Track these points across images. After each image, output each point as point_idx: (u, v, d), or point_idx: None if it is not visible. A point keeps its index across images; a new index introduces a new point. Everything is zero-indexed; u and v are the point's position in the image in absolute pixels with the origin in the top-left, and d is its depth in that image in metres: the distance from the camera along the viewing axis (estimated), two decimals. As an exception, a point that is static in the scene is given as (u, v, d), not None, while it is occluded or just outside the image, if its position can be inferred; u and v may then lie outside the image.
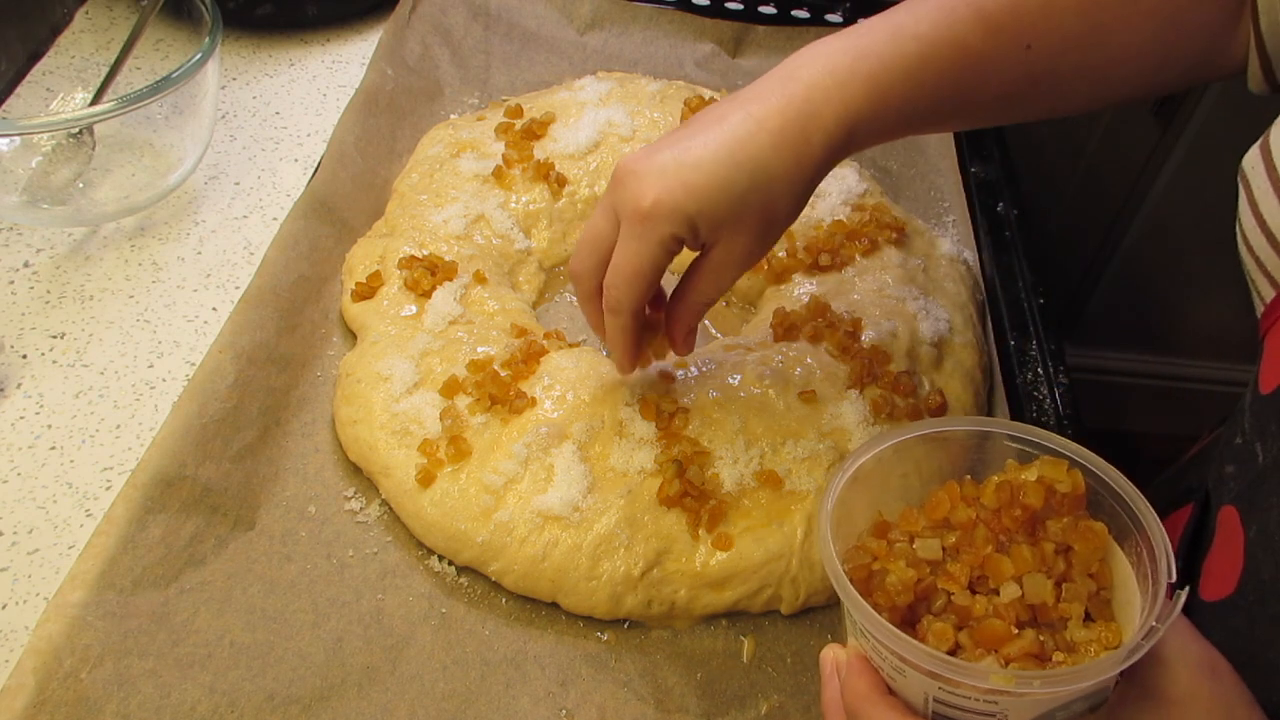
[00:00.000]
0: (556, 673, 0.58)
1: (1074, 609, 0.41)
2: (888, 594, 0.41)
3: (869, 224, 0.78)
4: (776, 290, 0.77)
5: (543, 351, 0.68)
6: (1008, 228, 0.86)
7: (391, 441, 0.63)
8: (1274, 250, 0.50)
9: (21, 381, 0.68)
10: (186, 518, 0.59)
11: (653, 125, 0.85)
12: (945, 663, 0.38)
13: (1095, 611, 0.42)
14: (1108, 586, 0.42)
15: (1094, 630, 0.41)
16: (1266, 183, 0.50)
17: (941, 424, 0.47)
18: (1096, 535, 0.42)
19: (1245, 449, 0.52)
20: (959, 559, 0.42)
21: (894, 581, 0.41)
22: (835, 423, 0.65)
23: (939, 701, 0.40)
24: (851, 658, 0.43)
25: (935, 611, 0.42)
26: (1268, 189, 0.50)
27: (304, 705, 0.54)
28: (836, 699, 0.44)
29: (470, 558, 0.61)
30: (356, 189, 0.80)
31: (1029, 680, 0.37)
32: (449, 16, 0.98)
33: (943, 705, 0.40)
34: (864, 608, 0.40)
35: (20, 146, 0.80)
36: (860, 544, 0.45)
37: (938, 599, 0.42)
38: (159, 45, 0.86)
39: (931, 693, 0.40)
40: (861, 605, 0.40)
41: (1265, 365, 0.52)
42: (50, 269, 0.75)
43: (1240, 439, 0.53)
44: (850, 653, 0.43)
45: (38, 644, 0.52)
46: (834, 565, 0.42)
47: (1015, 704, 0.39)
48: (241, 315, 0.67)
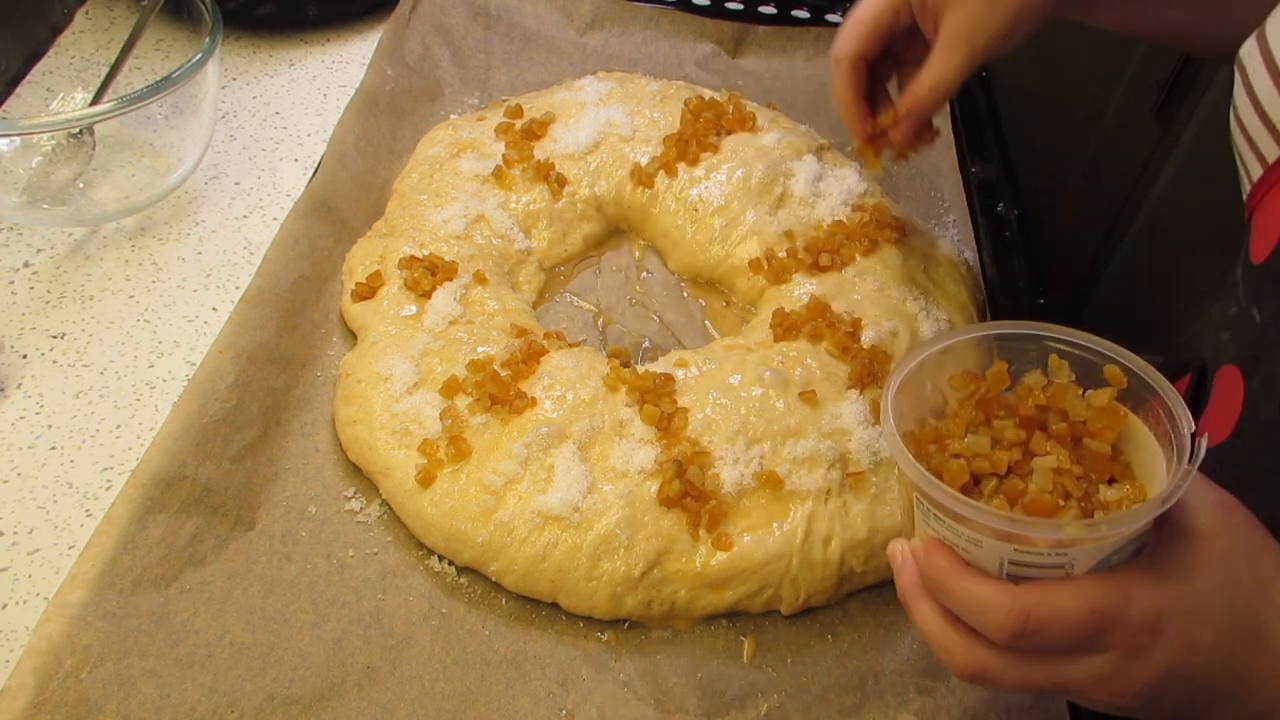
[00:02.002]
0: (556, 673, 0.58)
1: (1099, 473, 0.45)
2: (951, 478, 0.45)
3: (869, 224, 0.78)
4: (776, 290, 0.76)
5: (543, 351, 0.68)
6: (1008, 228, 0.86)
7: (391, 441, 0.63)
8: (1265, 128, 0.54)
9: (21, 381, 0.68)
10: (186, 518, 0.59)
11: (653, 125, 0.85)
12: (1026, 522, 0.42)
13: (1118, 475, 0.46)
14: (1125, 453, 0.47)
15: (1120, 489, 0.45)
16: (1261, 67, 0.54)
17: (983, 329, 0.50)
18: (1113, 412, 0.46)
19: (1241, 315, 0.57)
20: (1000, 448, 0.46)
21: (954, 467, 0.45)
22: (835, 423, 0.65)
23: (1014, 563, 0.43)
24: (926, 542, 0.46)
25: (986, 495, 0.45)
26: (1263, 73, 0.54)
27: (304, 705, 0.54)
28: (914, 583, 0.47)
29: (470, 558, 0.61)
30: (356, 189, 0.80)
31: (1098, 525, 0.42)
32: (449, 16, 0.98)
33: (1017, 565, 0.43)
34: (946, 490, 0.43)
35: (20, 146, 0.80)
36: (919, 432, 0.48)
37: (987, 484, 0.45)
38: (159, 45, 0.86)
39: (1007, 556, 0.43)
40: (942, 488, 0.43)
41: (1255, 239, 0.56)
42: (50, 269, 0.75)
43: (1235, 308, 0.58)
44: (922, 540, 0.46)
45: (38, 644, 0.52)
46: (908, 459, 0.45)
47: (1081, 552, 0.43)
48: (241, 315, 0.67)
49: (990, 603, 0.43)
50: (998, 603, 0.42)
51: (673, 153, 0.83)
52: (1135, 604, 0.42)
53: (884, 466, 0.64)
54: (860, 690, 0.58)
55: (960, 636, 0.45)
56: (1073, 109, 1.29)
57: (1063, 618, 0.42)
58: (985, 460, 0.45)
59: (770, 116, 0.89)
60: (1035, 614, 0.42)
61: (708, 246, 0.80)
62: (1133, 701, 0.44)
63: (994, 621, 0.42)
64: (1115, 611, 0.42)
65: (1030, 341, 0.49)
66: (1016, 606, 0.42)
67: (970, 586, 0.43)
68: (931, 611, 0.46)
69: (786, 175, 0.82)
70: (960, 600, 0.44)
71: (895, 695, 0.58)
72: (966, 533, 0.44)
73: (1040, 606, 0.42)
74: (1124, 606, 0.42)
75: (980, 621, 0.43)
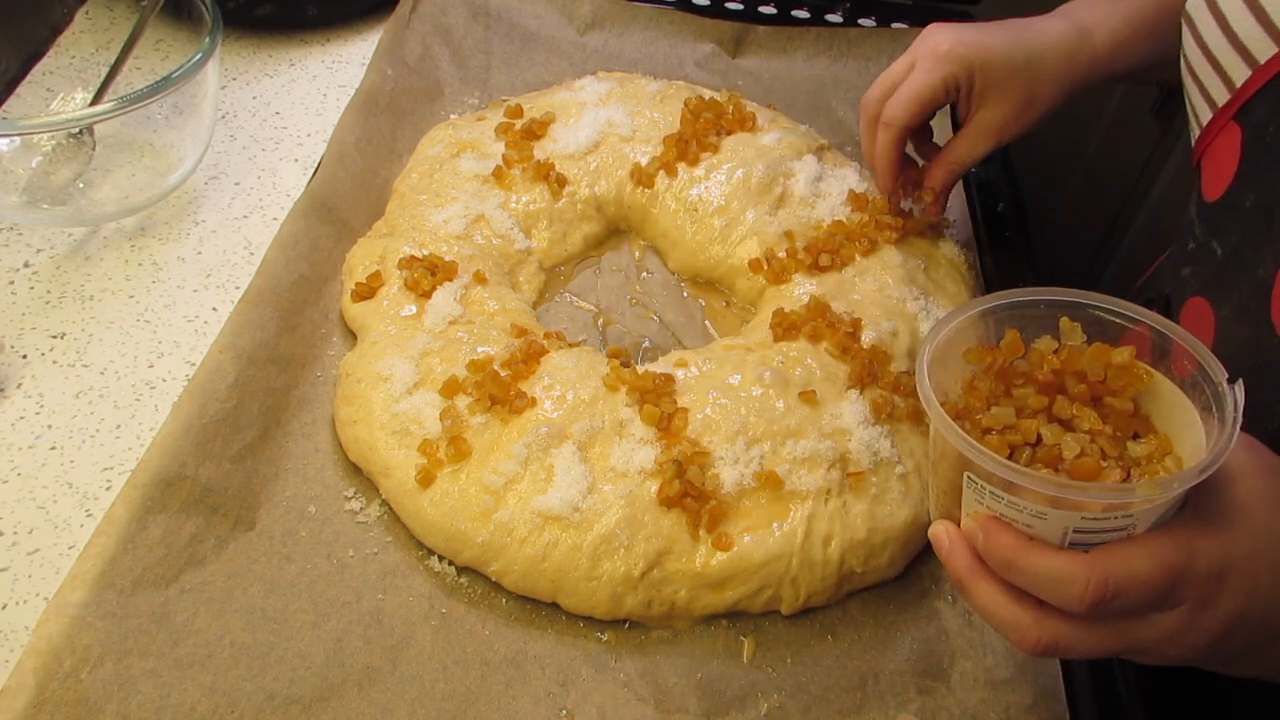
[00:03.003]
0: (556, 673, 0.58)
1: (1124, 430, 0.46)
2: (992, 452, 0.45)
3: (869, 224, 0.78)
4: (776, 290, 0.76)
5: (543, 351, 0.68)
6: (1008, 228, 0.86)
7: (391, 441, 0.63)
8: (1215, 72, 0.59)
9: (21, 381, 0.68)
10: (186, 518, 0.59)
11: (653, 125, 0.85)
12: (1102, 490, 0.43)
13: (1140, 429, 0.46)
14: (1143, 406, 0.47)
15: (1148, 444, 0.45)
16: (1209, 16, 0.59)
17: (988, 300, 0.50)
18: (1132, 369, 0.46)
19: (1200, 250, 0.61)
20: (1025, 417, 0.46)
21: (992, 443, 0.45)
22: (835, 423, 0.65)
23: (1078, 531, 0.43)
24: (983, 522, 0.45)
25: (1025, 464, 0.45)
26: (1210, 21, 0.59)
27: (304, 705, 0.54)
28: (969, 564, 0.46)
29: (470, 558, 0.61)
30: (356, 189, 0.80)
31: (1170, 483, 0.42)
32: (449, 16, 0.98)
33: (1082, 534, 0.43)
34: (1009, 465, 0.43)
35: (20, 146, 0.80)
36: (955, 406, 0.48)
37: (1021, 454, 0.45)
38: (159, 45, 0.86)
39: (1072, 525, 0.43)
40: (1006, 463, 0.43)
41: (1206, 178, 0.61)
42: (50, 269, 0.75)
43: (1193, 244, 0.62)
44: (976, 521, 0.46)
45: (38, 644, 0.52)
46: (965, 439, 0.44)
47: (1144, 513, 0.43)
48: (241, 315, 0.67)
49: (1066, 574, 0.42)
50: (1074, 573, 0.42)
51: (673, 153, 0.83)
52: (1200, 556, 0.42)
53: (884, 466, 0.64)
54: (860, 690, 0.58)
55: (1029, 612, 0.45)
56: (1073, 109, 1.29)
57: (1139, 579, 0.42)
58: (1014, 431, 0.45)
59: (770, 116, 0.89)
60: (1113, 579, 0.42)
61: (708, 246, 0.80)
62: (1202, 653, 0.44)
63: (1074, 593, 0.42)
64: (1184, 566, 0.42)
65: (1034, 307, 0.49)
66: (1095, 574, 0.42)
67: (1042, 560, 0.43)
68: (993, 590, 0.46)
69: (786, 175, 0.82)
70: (1032, 576, 0.44)
71: (895, 695, 0.58)
72: (1029, 506, 0.43)
73: (1116, 571, 0.42)
74: (1191, 560, 0.42)
75: (1057, 594, 0.43)
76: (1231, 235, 0.58)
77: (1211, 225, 0.60)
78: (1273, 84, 0.55)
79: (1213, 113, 0.60)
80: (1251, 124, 0.57)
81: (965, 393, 0.48)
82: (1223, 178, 0.59)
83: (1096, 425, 0.45)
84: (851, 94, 1.00)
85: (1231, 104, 0.59)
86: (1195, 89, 0.62)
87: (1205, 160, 0.62)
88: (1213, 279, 0.60)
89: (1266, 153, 0.56)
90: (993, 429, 0.46)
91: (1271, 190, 0.55)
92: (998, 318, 0.50)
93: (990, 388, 0.47)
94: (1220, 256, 0.59)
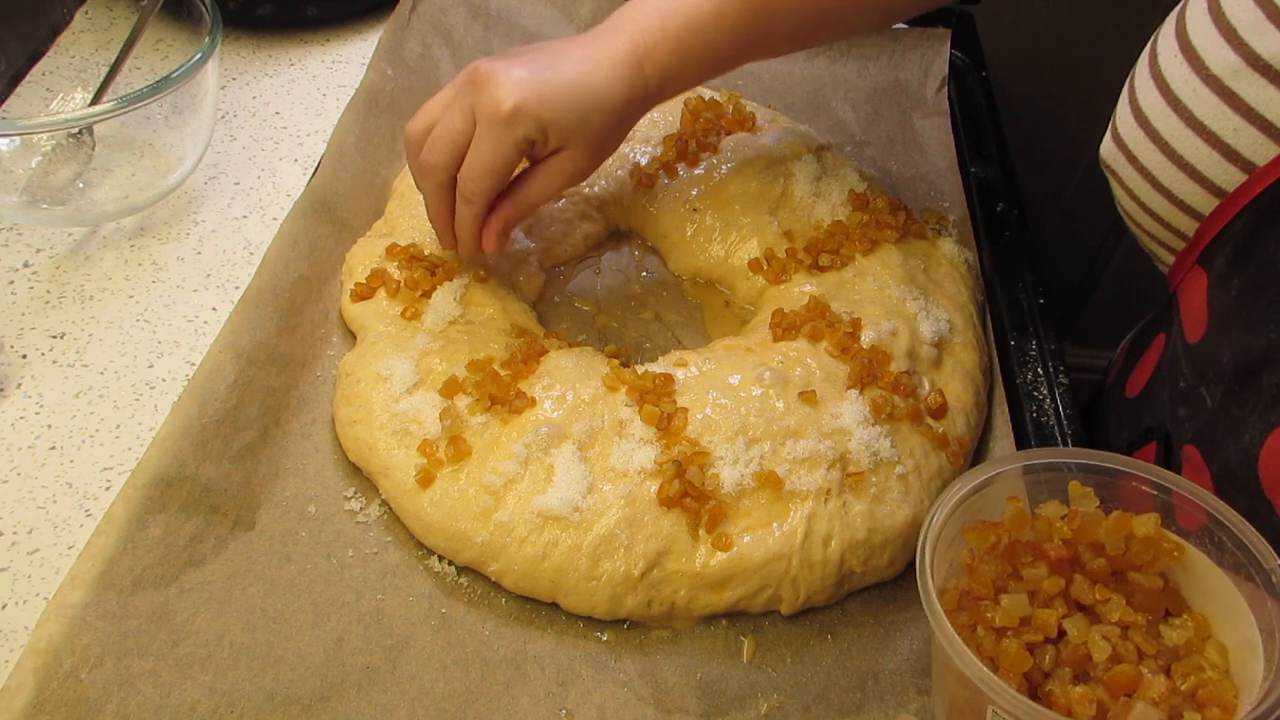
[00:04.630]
0: (556, 673, 0.58)
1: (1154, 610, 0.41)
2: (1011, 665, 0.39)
3: (869, 224, 0.78)
4: (776, 290, 0.76)
5: (543, 351, 0.68)
6: (1008, 228, 0.86)
7: (391, 442, 0.63)
8: (1159, 225, 0.56)
9: (21, 381, 0.68)
10: (186, 518, 0.59)
11: (653, 125, 0.85)
12: None
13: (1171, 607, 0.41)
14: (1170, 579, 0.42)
15: (1184, 626, 0.40)
16: (1131, 169, 0.56)
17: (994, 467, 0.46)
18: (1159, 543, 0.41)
19: (1192, 393, 0.56)
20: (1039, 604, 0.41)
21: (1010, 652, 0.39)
22: (835, 423, 0.65)
23: None
24: None
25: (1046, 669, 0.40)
26: (1134, 175, 0.56)
27: (304, 705, 0.54)
28: None
29: (470, 558, 0.61)
30: (356, 189, 0.80)
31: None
32: (449, 16, 0.98)
33: None
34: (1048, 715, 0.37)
35: (20, 146, 0.80)
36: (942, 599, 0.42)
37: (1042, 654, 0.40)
38: (159, 45, 0.86)
39: None
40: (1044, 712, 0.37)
41: (1185, 318, 0.57)
42: (50, 269, 0.75)
43: (1184, 383, 0.57)
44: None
45: (38, 644, 0.52)
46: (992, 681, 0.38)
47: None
48: (241, 315, 0.67)
49: None
50: None
51: (673, 153, 0.83)
52: None
53: (884, 466, 0.64)
54: (860, 690, 0.58)
55: None
56: (1073, 109, 1.29)
57: None
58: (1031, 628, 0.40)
59: (770, 116, 0.89)
60: None
61: (707, 246, 0.80)
62: None
63: None
64: None
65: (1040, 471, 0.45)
66: None
67: None
68: None
69: (786, 175, 0.82)
70: None
71: (895, 695, 0.58)
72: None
73: None
74: None
75: None
76: (1217, 389, 0.54)
77: (1198, 370, 0.56)
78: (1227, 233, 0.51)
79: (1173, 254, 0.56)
80: (1215, 273, 0.53)
81: (968, 576, 0.43)
82: (1199, 322, 0.55)
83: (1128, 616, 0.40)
84: (851, 94, 1.00)
85: (1191, 250, 0.54)
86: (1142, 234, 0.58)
87: (1181, 296, 0.57)
88: (1204, 431, 0.55)
89: (1235, 308, 0.52)
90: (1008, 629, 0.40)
91: (1245, 350, 0.51)
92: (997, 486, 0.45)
93: (996, 570, 0.42)
94: (1210, 408, 0.54)
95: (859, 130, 0.96)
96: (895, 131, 0.96)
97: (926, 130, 0.96)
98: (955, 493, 0.45)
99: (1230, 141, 0.48)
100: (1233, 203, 0.49)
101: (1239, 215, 0.49)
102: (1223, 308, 0.53)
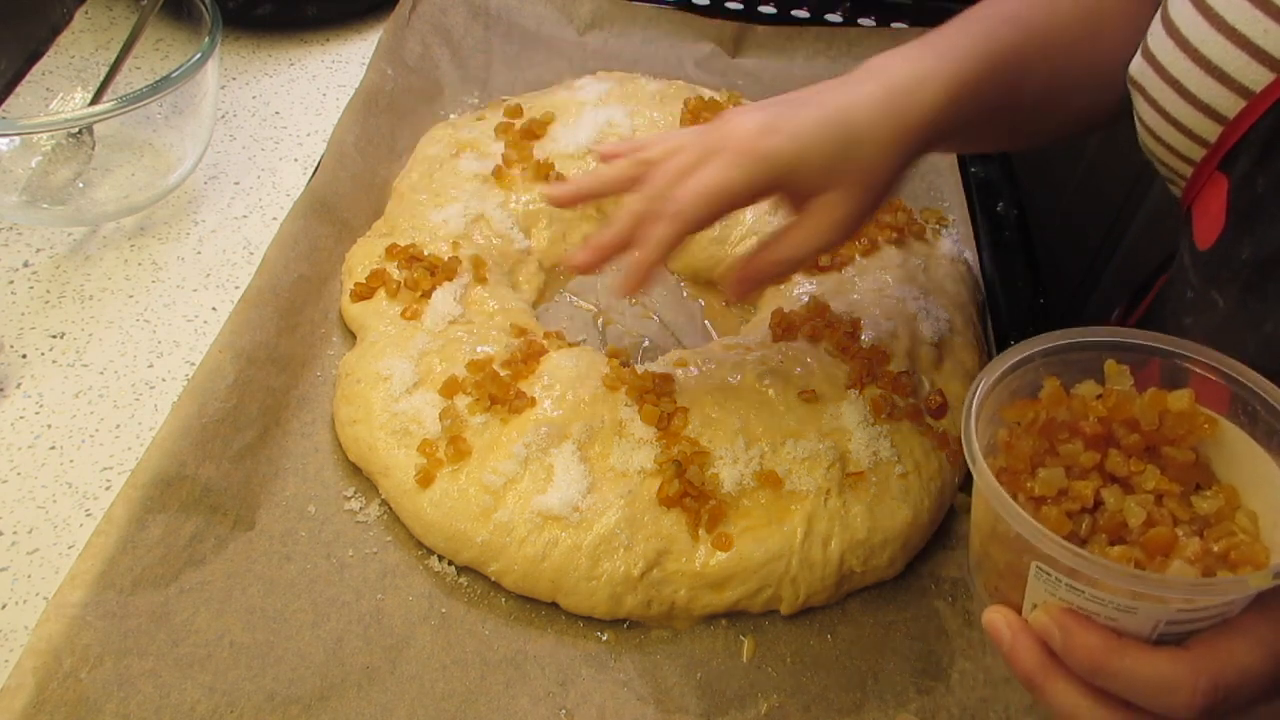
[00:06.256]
0: (556, 673, 0.58)
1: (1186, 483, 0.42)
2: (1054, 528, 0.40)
3: (868, 224, 0.78)
4: (776, 290, 0.76)
5: (543, 351, 0.68)
6: (1008, 228, 0.86)
7: (391, 441, 0.63)
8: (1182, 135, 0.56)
9: (21, 381, 0.68)
10: (186, 518, 0.59)
11: (652, 125, 0.85)
12: (1207, 585, 0.38)
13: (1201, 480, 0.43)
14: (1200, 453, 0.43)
15: (1214, 497, 0.41)
16: (1159, 81, 0.55)
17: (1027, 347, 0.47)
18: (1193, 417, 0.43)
19: (1200, 299, 0.57)
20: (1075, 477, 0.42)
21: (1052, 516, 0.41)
22: (835, 423, 0.65)
23: (1170, 623, 0.39)
24: (1059, 618, 0.41)
25: (1084, 536, 0.41)
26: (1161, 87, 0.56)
27: (304, 705, 0.54)
28: (1041, 664, 0.42)
29: (470, 558, 0.61)
30: (356, 189, 0.80)
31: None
32: (449, 16, 0.98)
33: (1174, 625, 0.40)
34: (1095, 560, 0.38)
35: (20, 146, 0.80)
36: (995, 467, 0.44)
37: (1080, 522, 0.41)
38: (159, 45, 0.86)
39: (1165, 617, 0.39)
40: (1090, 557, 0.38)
41: (1198, 227, 0.57)
42: (50, 269, 0.75)
43: (1191, 293, 0.58)
44: (1049, 615, 0.41)
45: (37, 644, 0.52)
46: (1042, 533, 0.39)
47: (1241, 600, 0.39)
48: (241, 315, 0.67)
49: (1170, 680, 0.38)
50: (1179, 678, 0.38)
51: (672, 153, 0.83)
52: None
53: (883, 466, 0.64)
54: (860, 690, 0.58)
55: (1118, 713, 0.40)
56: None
57: (1251, 676, 0.38)
58: (1069, 497, 0.41)
59: (770, 116, 0.89)
60: (1223, 681, 0.38)
61: (707, 246, 0.80)
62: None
63: (1180, 700, 0.38)
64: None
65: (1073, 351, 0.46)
66: (1202, 679, 0.38)
67: (1140, 665, 0.39)
68: (1072, 690, 0.41)
69: (786, 175, 0.82)
70: (1129, 682, 0.39)
71: (895, 695, 0.58)
72: (1114, 600, 0.39)
73: (1225, 671, 0.38)
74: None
75: (1160, 702, 0.39)
76: (1232, 287, 0.55)
77: (1208, 275, 0.57)
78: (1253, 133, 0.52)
79: (1191, 167, 0.57)
80: (1237, 175, 0.55)
81: (1005, 453, 0.44)
82: (1213, 227, 0.56)
83: (1162, 484, 0.41)
84: (851, 94, 1.00)
85: (1212, 156, 0.56)
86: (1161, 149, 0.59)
87: (1195, 208, 0.58)
88: (1217, 332, 0.55)
89: (1257, 205, 0.53)
90: (1047, 498, 0.42)
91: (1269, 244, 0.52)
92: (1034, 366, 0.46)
93: (1033, 446, 0.43)
94: (1223, 309, 0.55)
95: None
96: (895, 131, 0.96)
97: (926, 130, 0.96)
98: (996, 368, 0.46)
99: (1260, 43, 0.50)
100: (1260, 101, 0.51)
101: (1266, 114, 0.51)
102: (1245, 207, 0.54)
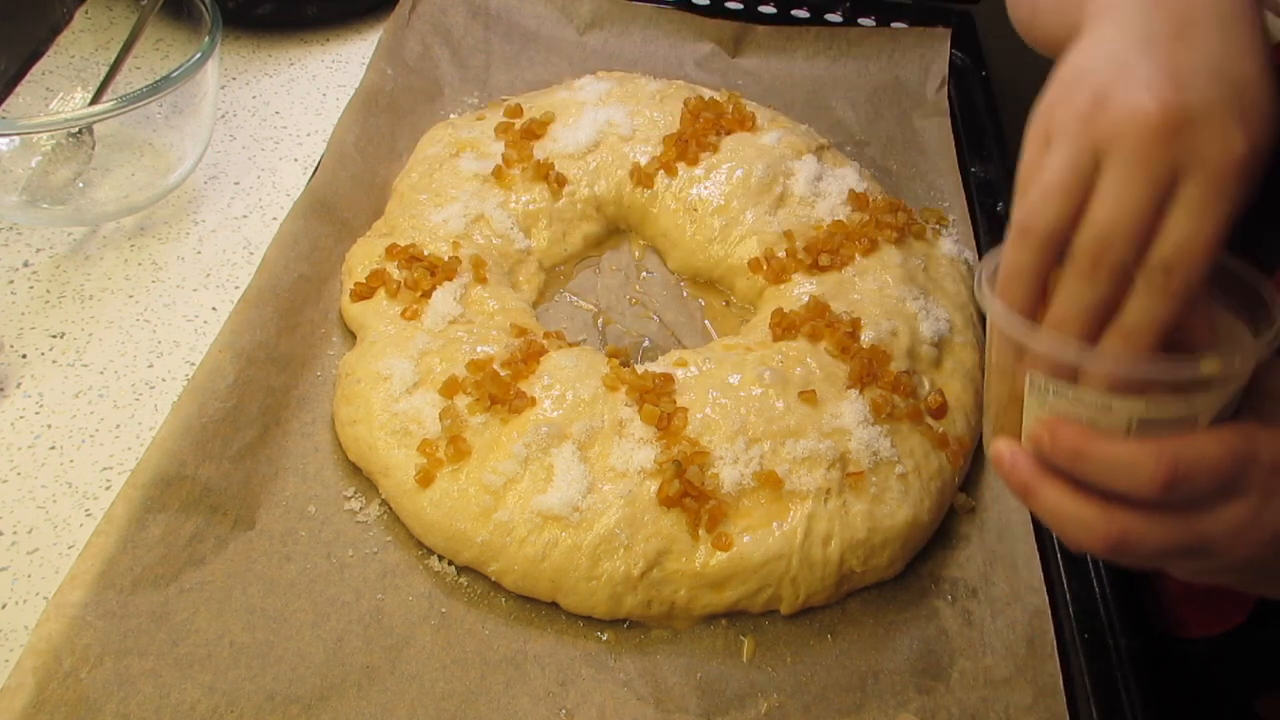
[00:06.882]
0: (556, 673, 0.58)
1: None
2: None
3: (869, 224, 0.78)
4: (776, 290, 0.76)
5: (543, 351, 0.68)
6: (1008, 228, 0.86)
7: (391, 441, 0.63)
8: None
9: (21, 381, 0.68)
10: (186, 518, 0.59)
11: (652, 125, 0.85)
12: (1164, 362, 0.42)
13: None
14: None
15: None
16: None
17: None
18: None
19: None
20: None
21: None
22: (835, 423, 0.65)
23: (1143, 422, 0.44)
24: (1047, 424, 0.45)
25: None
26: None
27: (304, 705, 0.54)
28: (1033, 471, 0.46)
29: (470, 558, 0.61)
30: (356, 189, 0.80)
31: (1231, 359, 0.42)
32: (449, 16, 0.98)
33: (1146, 425, 0.44)
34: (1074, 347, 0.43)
35: (20, 146, 0.80)
36: None
37: None
38: (159, 45, 0.86)
39: (1137, 415, 0.43)
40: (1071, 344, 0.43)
41: None
42: (50, 269, 0.75)
43: None
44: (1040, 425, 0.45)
45: (38, 644, 0.52)
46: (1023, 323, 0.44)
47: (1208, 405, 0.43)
48: (241, 315, 0.67)
49: (1136, 458, 0.42)
50: (1143, 457, 0.42)
51: (672, 152, 0.83)
52: (1263, 447, 0.42)
53: (883, 466, 0.64)
54: (860, 690, 0.58)
55: (1096, 508, 0.44)
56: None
57: (1208, 461, 0.42)
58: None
59: (770, 116, 0.89)
60: (1182, 460, 0.42)
61: (707, 246, 0.80)
62: (1266, 549, 0.44)
63: (1143, 476, 0.42)
64: (1249, 453, 0.42)
65: None
66: (1164, 456, 0.42)
67: (1111, 447, 0.43)
68: (1058, 490, 0.45)
69: (786, 175, 0.82)
70: (1100, 464, 0.43)
71: (895, 695, 0.58)
72: (1093, 399, 0.44)
73: (1185, 453, 0.42)
74: (1254, 448, 0.42)
75: (1126, 480, 0.43)
76: None
77: None
78: None
79: None
80: None
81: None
82: None
83: None
84: (851, 94, 1.00)
85: None
86: None
87: None
88: None
89: None
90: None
91: None
92: None
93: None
94: None
95: (859, 130, 0.96)
96: (895, 131, 0.96)
97: (926, 130, 0.96)
98: None
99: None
100: None
101: None
102: None
